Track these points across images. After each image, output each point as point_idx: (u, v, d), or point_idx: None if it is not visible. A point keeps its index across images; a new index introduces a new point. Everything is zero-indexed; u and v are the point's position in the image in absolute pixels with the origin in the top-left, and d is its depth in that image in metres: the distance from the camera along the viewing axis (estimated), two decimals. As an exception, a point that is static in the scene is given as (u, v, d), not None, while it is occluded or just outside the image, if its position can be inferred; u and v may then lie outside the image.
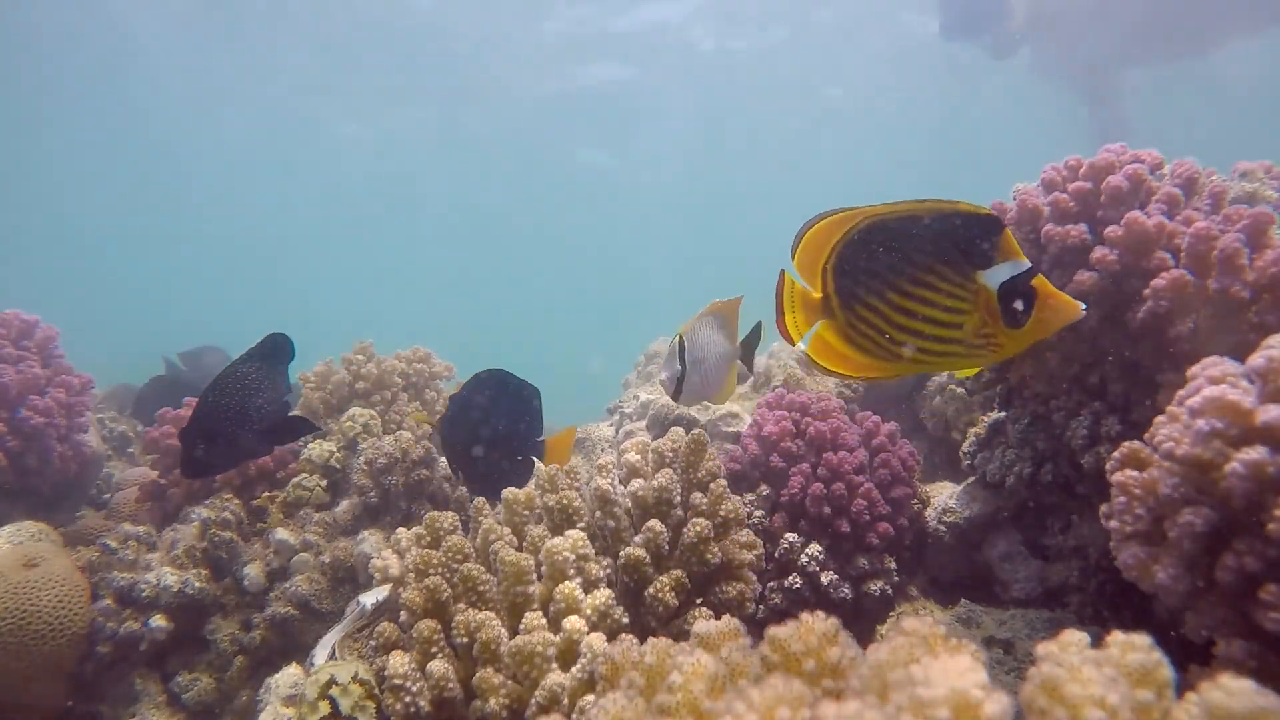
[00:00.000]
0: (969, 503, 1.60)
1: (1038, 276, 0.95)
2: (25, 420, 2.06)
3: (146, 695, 1.63)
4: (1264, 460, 0.77)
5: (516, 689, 0.95)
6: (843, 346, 1.05)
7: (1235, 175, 1.52)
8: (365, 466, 1.83)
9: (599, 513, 1.15)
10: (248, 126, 13.48)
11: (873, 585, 1.50)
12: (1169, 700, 0.45)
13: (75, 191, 17.86)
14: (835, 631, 0.52)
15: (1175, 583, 0.85)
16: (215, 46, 10.64)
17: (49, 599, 1.55)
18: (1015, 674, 1.23)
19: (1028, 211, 1.32)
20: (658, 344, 2.69)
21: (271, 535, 1.75)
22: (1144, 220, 1.18)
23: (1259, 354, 0.82)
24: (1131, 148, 1.32)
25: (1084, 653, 0.46)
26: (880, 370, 1.06)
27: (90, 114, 12.46)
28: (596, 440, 2.46)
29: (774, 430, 1.57)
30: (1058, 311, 0.95)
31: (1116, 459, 0.97)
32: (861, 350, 1.04)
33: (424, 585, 1.09)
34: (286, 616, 1.65)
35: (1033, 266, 0.96)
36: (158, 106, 12.45)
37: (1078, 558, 1.39)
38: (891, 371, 1.06)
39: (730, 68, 11.57)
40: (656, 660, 0.58)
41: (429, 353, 2.24)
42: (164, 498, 1.94)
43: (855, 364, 1.06)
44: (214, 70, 11.39)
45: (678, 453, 1.21)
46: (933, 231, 0.96)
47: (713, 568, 1.14)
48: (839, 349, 1.06)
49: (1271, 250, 1.08)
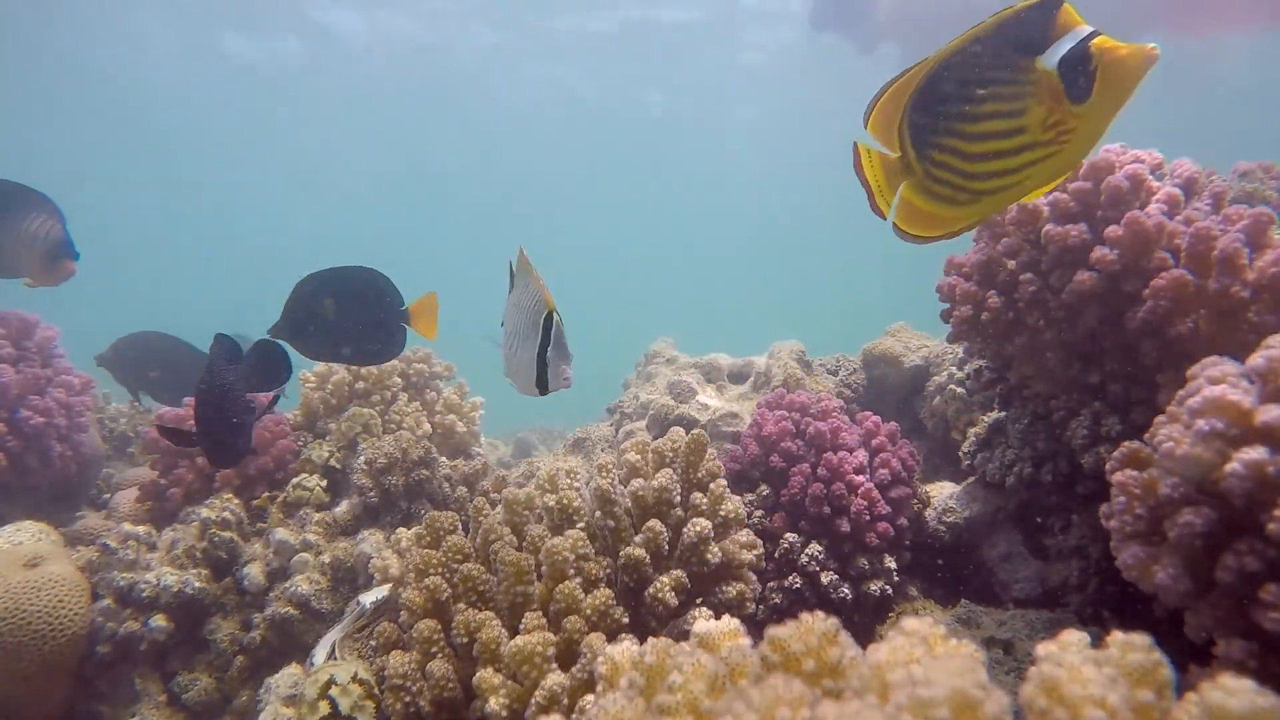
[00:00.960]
0: (969, 503, 1.60)
1: (1098, 38, 0.84)
2: (25, 420, 2.06)
3: (146, 695, 1.63)
4: (1264, 460, 0.77)
5: (516, 689, 0.95)
6: (926, 203, 1.00)
7: (1235, 175, 1.53)
8: (365, 466, 1.83)
9: (599, 513, 1.15)
10: (247, 124, 13.50)
11: (872, 585, 1.50)
12: (1169, 700, 0.45)
13: (76, 191, 17.88)
14: (835, 631, 0.52)
15: (1175, 583, 0.85)
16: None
17: (49, 599, 1.55)
18: (1015, 674, 1.23)
19: (1028, 211, 1.32)
20: (658, 344, 2.69)
21: (271, 535, 1.75)
22: (1144, 220, 1.18)
23: (1259, 354, 0.82)
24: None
25: (1084, 653, 0.46)
26: (966, 218, 0.99)
27: (93, 115, 12.47)
28: (596, 440, 2.46)
29: (774, 430, 1.58)
30: (1125, 66, 0.83)
31: (1116, 459, 0.97)
32: (944, 201, 0.99)
33: (424, 585, 1.09)
34: (286, 616, 1.65)
35: (1094, 30, 0.85)
36: (158, 107, 12.47)
37: (1078, 558, 1.39)
38: (977, 215, 1.00)
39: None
40: (656, 660, 0.58)
41: (429, 353, 2.24)
42: (164, 498, 1.94)
43: (942, 220, 1.00)
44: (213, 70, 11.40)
45: (678, 453, 1.21)
46: (991, 42, 0.89)
47: (713, 568, 1.14)
48: (924, 208, 1.01)
49: (1271, 250, 1.08)
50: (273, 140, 14.81)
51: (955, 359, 2.02)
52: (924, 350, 2.21)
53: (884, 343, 2.29)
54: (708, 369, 2.48)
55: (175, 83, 11.31)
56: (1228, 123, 8.36)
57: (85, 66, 10.46)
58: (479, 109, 13.47)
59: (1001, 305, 1.37)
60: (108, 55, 10.22)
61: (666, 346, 2.66)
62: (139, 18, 9.65)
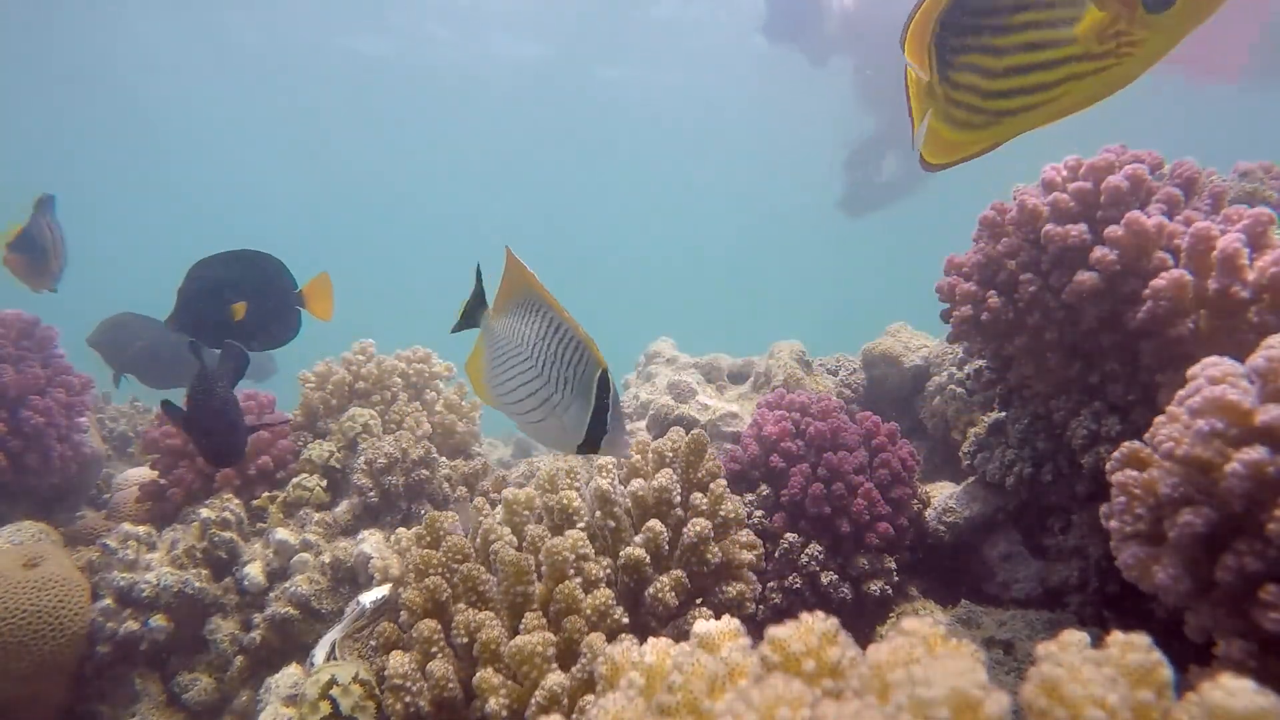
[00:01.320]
0: (969, 503, 1.61)
1: None
2: (25, 420, 2.06)
3: (146, 695, 1.63)
4: (1264, 460, 0.77)
5: (516, 689, 0.95)
6: (948, 131, 0.92)
7: (1235, 175, 1.53)
8: (365, 466, 1.83)
9: (599, 513, 1.15)
10: (246, 122, 13.50)
11: (873, 585, 1.50)
12: (1169, 700, 0.45)
13: (75, 190, 17.87)
14: (835, 631, 0.52)
15: (1175, 583, 0.85)
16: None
17: (49, 599, 1.55)
18: (1015, 674, 1.23)
19: (1027, 212, 1.32)
20: (658, 344, 2.69)
21: (271, 535, 1.75)
22: (1144, 220, 1.18)
23: (1259, 354, 0.82)
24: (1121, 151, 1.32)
25: (1084, 653, 0.46)
26: (978, 143, 0.91)
27: (98, 119, 12.47)
28: (596, 440, 2.45)
29: (774, 430, 1.57)
30: None
31: (1116, 459, 0.97)
32: (960, 126, 0.91)
33: (424, 585, 1.09)
34: (286, 616, 1.65)
35: None
36: (159, 110, 12.47)
37: (1078, 558, 1.39)
38: (990, 139, 0.91)
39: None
40: (656, 660, 0.58)
41: (429, 353, 2.24)
42: (164, 498, 1.94)
43: (964, 144, 0.91)
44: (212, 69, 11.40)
45: (678, 453, 1.21)
46: None
47: (713, 568, 1.14)
48: (946, 136, 0.92)
49: (1271, 250, 1.08)
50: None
51: (955, 359, 2.02)
52: (924, 350, 2.21)
53: (884, 343, 2.29)
54: (708, 369, 2.48)
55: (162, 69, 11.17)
56: (1228, 122, 8.36)
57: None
58: (480, 108, 13.49)
59: (1002, 305, 1.37)
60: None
61: (667, 346, 2.66)
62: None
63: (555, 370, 0.98)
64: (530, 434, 1.05)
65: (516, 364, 1.01)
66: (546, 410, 0.99)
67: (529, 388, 1.00)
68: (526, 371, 1.00)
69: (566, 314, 0.97)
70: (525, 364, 1.00)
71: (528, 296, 0.99)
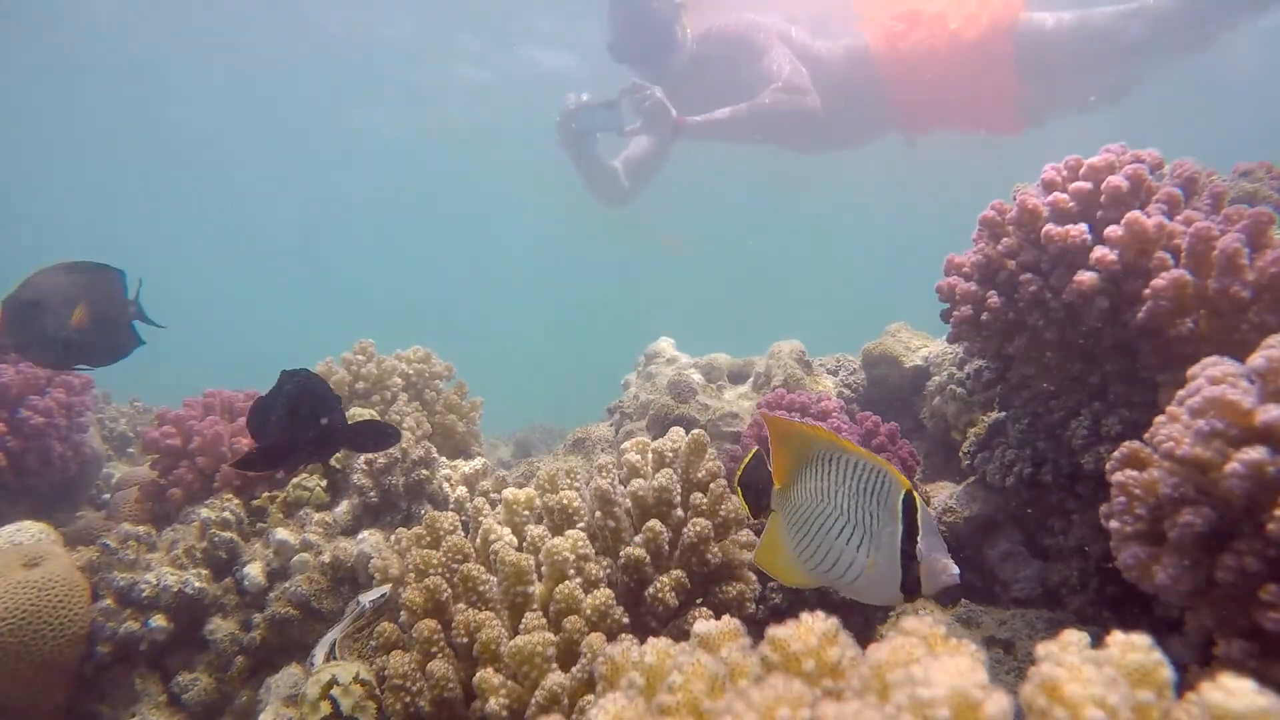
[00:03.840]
0: (969, 503, 1.61)
1: None
2: (25, 420, 2.06)
3: (146, 695, 1.63)
4: (1264, 460, 0.77)
5: (516, 689, 0.95)
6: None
7: (1235, 175, 1.53)
8: (365, 466, 1.83)
9: (599, 513, 1.15)
10: (246, 123, 13.49)
11: (873, 585, 1.50)
12: (1169, 700, 0.45)
13: (75, 190, 17.86)
14: (835, 631, 0.52)
15: (1175, 583, 0.85)
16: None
17: (49, 599, 1.55)
18: (1015, 674, 1.23)
19: (1027, 212, 1.32)
20: (658, 344, 2.69)
21: (271, 535, 1.75)
22: (1144, 220, 1.18)
23: (1259, 354, 0.82)
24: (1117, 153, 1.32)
25: (1084, 653, 0.46)
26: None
27: (107, 128, 12.45)
28: (596, 440, 2.46)
29: (774, 430, 1.57)
30: None
31: (1116, 459, 0.97)
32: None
33: (424, 585, 1.09)
34: (286, 616, 1.65)
35: None
36: (162, 115, 12.46)
37: (1078, 558, 1.39)
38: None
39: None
40: (656, 660, 0.58)
41: (429, 353, 2.24)
42: (164, 498, 1.94)
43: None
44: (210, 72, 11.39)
45: (678, 453, 1.21)
46: None
47: (713, 568, 1.14)
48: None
49: (1271, 250, 1.08)
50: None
51: (955, 359, 2.02)
52: (924, 350, 2.21)
53: (884, 343, 2.29)
54: (708, 369, 2.48)
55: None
56: (1228, 122, 8.37)
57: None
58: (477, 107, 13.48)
59: (1002, 305, 1.37)
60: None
61: (667, 346, 2.66)
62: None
63: (861, 511, 0.89)
64: (852, 595, 0.95)
65: (826, 522, 0.92)
66: (851, 545, 0.90)
67: (843, 539, 0.90)
68: (836, 522, 0.91)
69: (852, 445, 0.90)
70: (835, 519, 0.91)
71: (809, 449, 0.92)
